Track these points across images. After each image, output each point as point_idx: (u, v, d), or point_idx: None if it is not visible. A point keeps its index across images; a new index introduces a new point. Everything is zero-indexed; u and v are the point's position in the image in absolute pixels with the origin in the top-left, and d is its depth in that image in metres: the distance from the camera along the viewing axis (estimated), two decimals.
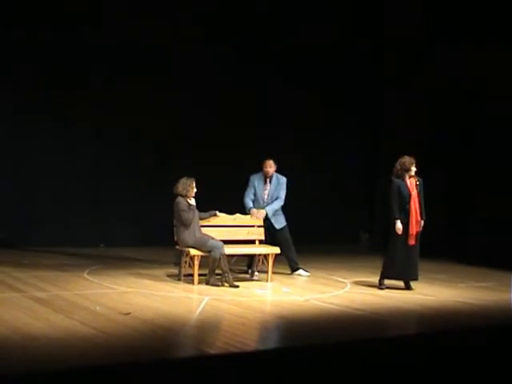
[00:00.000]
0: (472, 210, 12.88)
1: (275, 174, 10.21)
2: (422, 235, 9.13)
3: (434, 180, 10.55)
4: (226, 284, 8.88)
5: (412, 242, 9.00)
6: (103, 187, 12.70)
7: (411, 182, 9.07)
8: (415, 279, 9.18)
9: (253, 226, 9.85)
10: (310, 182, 14.02)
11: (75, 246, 11.82)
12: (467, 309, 8.18)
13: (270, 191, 10.14)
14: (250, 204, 10.07)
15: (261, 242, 9.83)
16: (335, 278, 10.12)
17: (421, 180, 9.14)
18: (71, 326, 6.27)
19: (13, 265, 9.92)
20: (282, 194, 10.17)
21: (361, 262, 11.96)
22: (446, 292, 9.22)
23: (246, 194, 10.14)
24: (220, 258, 8.90)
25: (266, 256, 9.60)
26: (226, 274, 8.95)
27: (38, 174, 12.21)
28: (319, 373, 5.68)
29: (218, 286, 8.83)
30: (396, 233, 8.97)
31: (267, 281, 9.53)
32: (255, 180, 10.17)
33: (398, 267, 9.03)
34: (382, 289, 9.10)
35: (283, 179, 10.24)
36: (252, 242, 9.79)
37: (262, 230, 9.89)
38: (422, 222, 9.08)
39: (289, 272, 10.34)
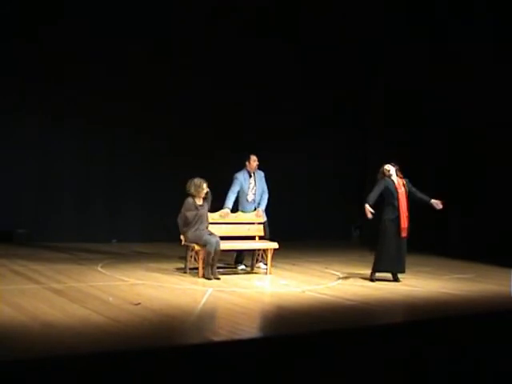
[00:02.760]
0: (453, 206, 12.72)
1: None
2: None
3: (418, 177, 10.46)
4: (211, 276, 8.70)
5: (404, 234, 8.98)
6: (115, 189, 12.61)
7: (399, 182, 9.14)
8: (402, 272, 9.14)
9: (253, 224, 9.76)
10: (305, 181, 13.92)
11: (90, 242, 11.77)
12: (451, 299, 8.10)
13: (255, 185, 9.95)
14: (230, 205, 9.68)
15: (260, 237, 9.74)
16: (329, 270, 10.05)
17: (407, 180, 9.19)
18: (86, 315, 6.25)
19: (32, 258, 9.89)
20: (266, 187, 10.01)
21: (352, 256, 11.90)
22: (431, 283, 9.16)
23: (232, 191, 9.74)
24: (215, 252, 8.77)
25: (265, 251, 9.54)
26: (212, 267, 8.78)
27: (58, 176, 12.14)
28: (315, 357, 5.62)
29: (209, 279, 8.66)
30: (385, 229, 8.95)
31: (266, 273, 9.47)
32: (241, 176, 9.89)
33: (388, 261, 9.01)
34: (372, 281, 9.04)
35: (263, 173, 10.06)
36: (252, 237, 9.70)
37: (262, 226, 9.79)
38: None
39: (287, 265, 10.27)
